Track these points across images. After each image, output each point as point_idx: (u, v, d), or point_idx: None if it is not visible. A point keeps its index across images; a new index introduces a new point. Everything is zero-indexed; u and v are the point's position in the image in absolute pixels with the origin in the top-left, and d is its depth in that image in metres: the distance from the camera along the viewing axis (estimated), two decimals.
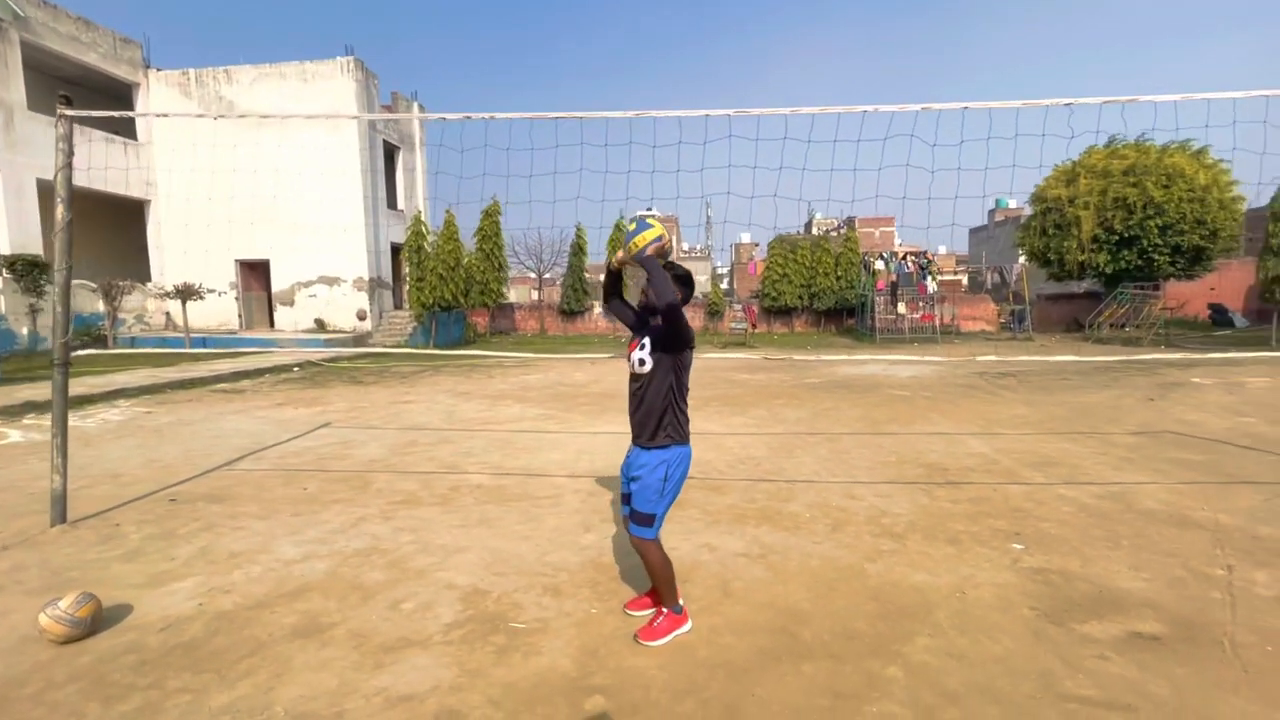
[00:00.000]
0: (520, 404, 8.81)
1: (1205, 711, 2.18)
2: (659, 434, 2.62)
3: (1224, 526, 3.88)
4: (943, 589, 3.11)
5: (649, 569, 2.67)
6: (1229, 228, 17.86)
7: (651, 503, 2.61)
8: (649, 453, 2.63)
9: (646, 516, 2.62)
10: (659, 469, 2.60)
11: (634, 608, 2.89)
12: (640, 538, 2.64)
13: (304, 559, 3.53)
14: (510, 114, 4.25)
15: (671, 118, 4.05)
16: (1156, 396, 8.61)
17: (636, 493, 2.64)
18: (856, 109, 3.92)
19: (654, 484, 2.60)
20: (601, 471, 5.27)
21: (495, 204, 20.44)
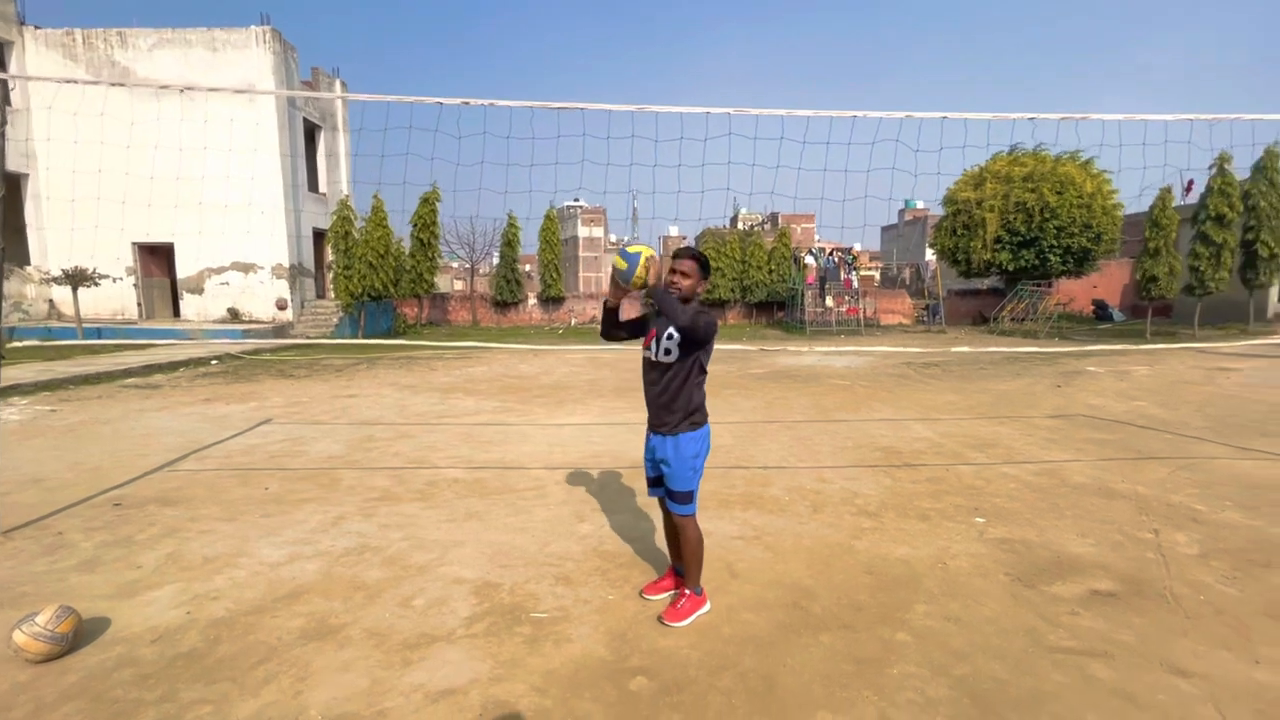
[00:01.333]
0: (472, 397, 8.61)
1: (1164, 653, 2.52)
2: (686, 420, 2.70)
3: (1143, 496, 4.41)
4: (926, 560, 3.38)
5: (685, 545, 2.76)
6: (1111, 232, 19.91)
7: (687, 480, 2.71)
8: (677, 438, 2.69)
9: (685, 494, 2.72)
10: (691, 451, 2.69)
11: (651, 592, 2.97)
12: (683, 514, 2.74)
13: (290, 560, 3.36)
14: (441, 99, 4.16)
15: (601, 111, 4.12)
16: (1062, 384, 9.55)
17: (670, 475, 2.72)
18: (779, 112, 4.07)
19: (687, 465, 2.69)
20: (577, 464, 5.29)
21: (435, 190, 19.71)
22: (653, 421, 2.78)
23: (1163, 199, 16.46)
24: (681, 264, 2.70)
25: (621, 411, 7.60)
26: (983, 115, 4.39)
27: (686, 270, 2.69)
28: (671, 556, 3.03)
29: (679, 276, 2.69)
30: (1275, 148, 14.50)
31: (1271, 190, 15.25)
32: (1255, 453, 5.55)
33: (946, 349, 9.44)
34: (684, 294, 2.67)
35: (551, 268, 24.62)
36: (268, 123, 16.81)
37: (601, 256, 73.00)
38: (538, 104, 4.18)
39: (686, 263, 2.70)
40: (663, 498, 2.86)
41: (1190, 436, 6.15)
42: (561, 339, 19.25)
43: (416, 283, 19.98)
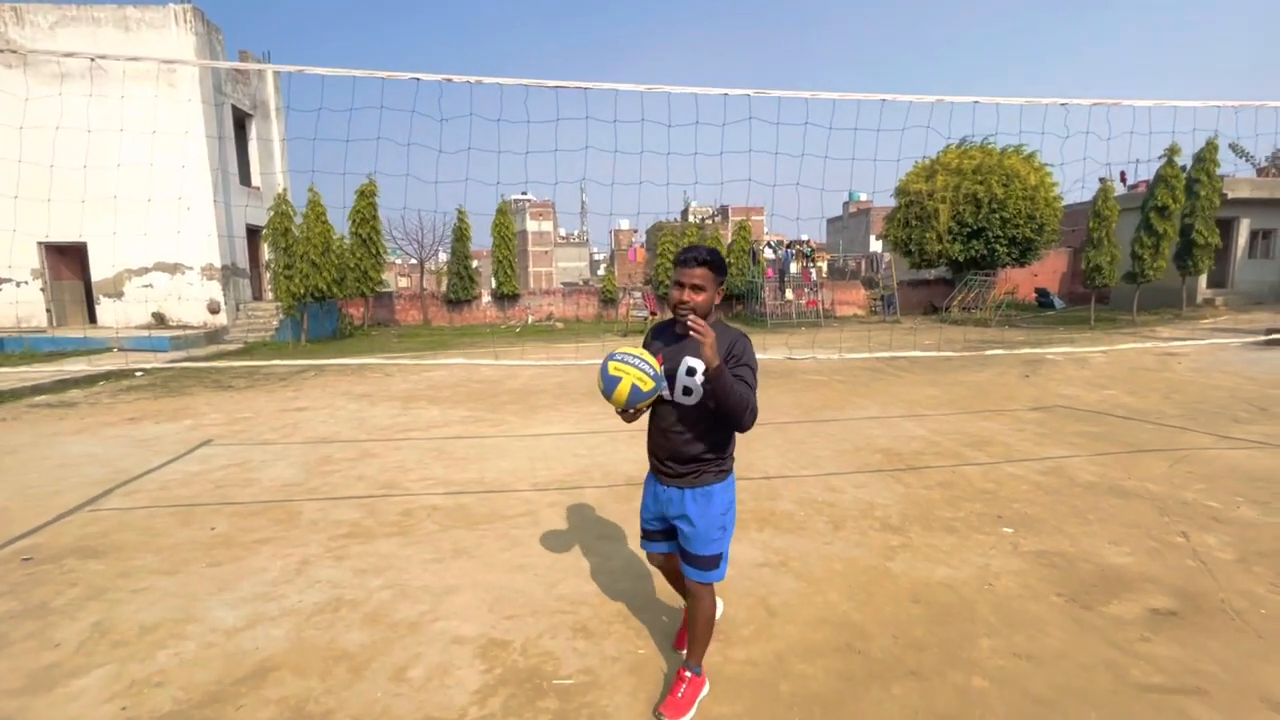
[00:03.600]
0: (437, 406, 8.02)
1: (1257, 684, 2.32)
2: (715, 469, 2.17)
3: (1156, 495, 4.32)
4: (970, 583, 3.13)
5: (697, 617, 2.21)
6: (1052, 222, 20.65)
7: (716, 543, 2.17)
8: (707, 491, 2.15)
9: (712, 559, 2.17)
10: (721, 505, 2.17)
11: (684, 645, 2.52)
12: (706, 583, 2.18)
13: (250, 624, 2.83)
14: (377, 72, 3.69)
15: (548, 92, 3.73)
16: (1030, 374, 9.67)
17: (693, 536, 2.16)
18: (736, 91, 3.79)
19: (715, 523, 2.16)
20: (566, 481, 4.86)
21: (372, 183, 18.64)
22: (663, 470, 2.20)
23: (1105, 190, 17.11)
24: (691, 274, 2.05)
25: (599, 417, 7.18)
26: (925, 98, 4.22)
27: (700, 281, 2.05)
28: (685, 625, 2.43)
29: (689, 292, 2.05)
30: (1215, 139, 15.23)
31: (1209, 181, 16.03)
32: (1238, 441, 5.61)
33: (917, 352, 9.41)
34: (700, 312, 2.06)
35: (506, 264, 23.82)
36: (192, 109, 15.43)
37: (552, 251, 71.94)
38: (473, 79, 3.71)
39: (697, 271, 2.05)
40: (666, 555, 2.37)
41: (1172, 426, 6.21)
42: (519, 338, 18.60)
43: (362, 281, 18.89)
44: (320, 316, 17.50)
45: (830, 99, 4.05)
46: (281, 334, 16.48)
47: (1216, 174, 16.34)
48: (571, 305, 24.82)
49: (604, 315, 24.21)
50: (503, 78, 3.34)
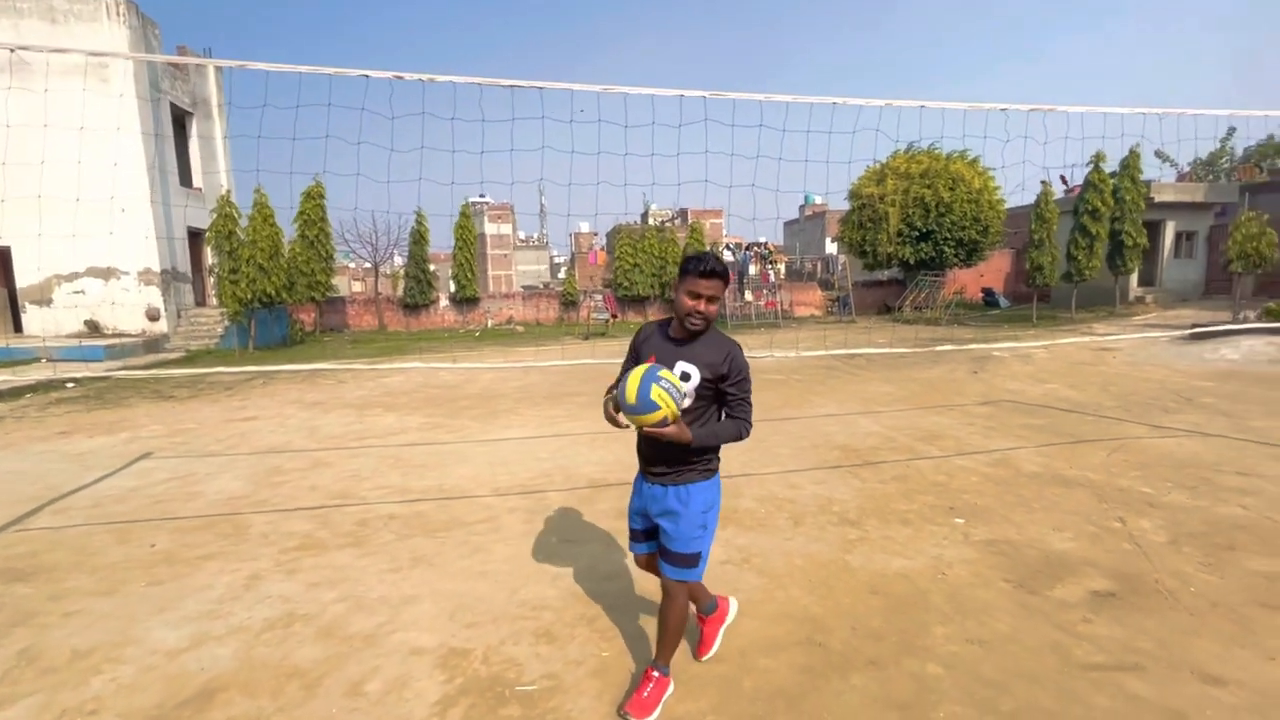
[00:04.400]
0: (393, 412, 7.82)
1: (1189, 658, 2.45)
2: (700, 468, 2.19)
3: (1094, 482, 4.54)
4: (924, 573, 3.22)
5: (671, 616, 2.20)
6: (996, 225, 21.53)
7: (695, 540, 2.18)
8: (687, 489, 2.17)
9: (689, 557, 2.18)
10: (702, 504, 2.19)
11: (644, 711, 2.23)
12: (682, 580, 2.19)
13: (195, 645, 2.70)
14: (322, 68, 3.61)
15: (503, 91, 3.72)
16: (978, 370, 10.04)
17: (673, 533, 2.18)
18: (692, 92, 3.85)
19: (696, 520, 2.18)
20: (528, 485, 4.80)
21: (318, 185, 18.09)
22: (650, 469, 2.23)
23: (1045, 193, 17.92)
24: (710, 286, 2.06)
25: (561, 421, 7.13)
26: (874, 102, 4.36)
27: (716, 293, 2.08)
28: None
29: (705, 303, 2.07)
30: (1137, 148, 16.17)
31: (1134, 186, 16.98)
32: (1168, 430, 5.94)
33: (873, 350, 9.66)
34: (711, 321, 2.12)
35: (466, 267, 23.45)
36: (126, 106, 14.68)
37: (511, 253, 71.17)
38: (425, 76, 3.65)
39: (715, 284, 2.07)
40: (649, 556, 2.38)
41: (1109, 418, 6.53)
42: (479, 342, 18.32)
43: (312, 286, 18.30)
44: (269, 323, 16.88)
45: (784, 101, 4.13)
46: (227, 341, 15.81)
47: (1141, 179, 17.32)
48: (532, 309, 24.60)
49: (565, 318, 24.07)
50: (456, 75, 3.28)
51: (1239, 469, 4.71)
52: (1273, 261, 13.84)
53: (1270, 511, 3.87)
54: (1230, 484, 4.39)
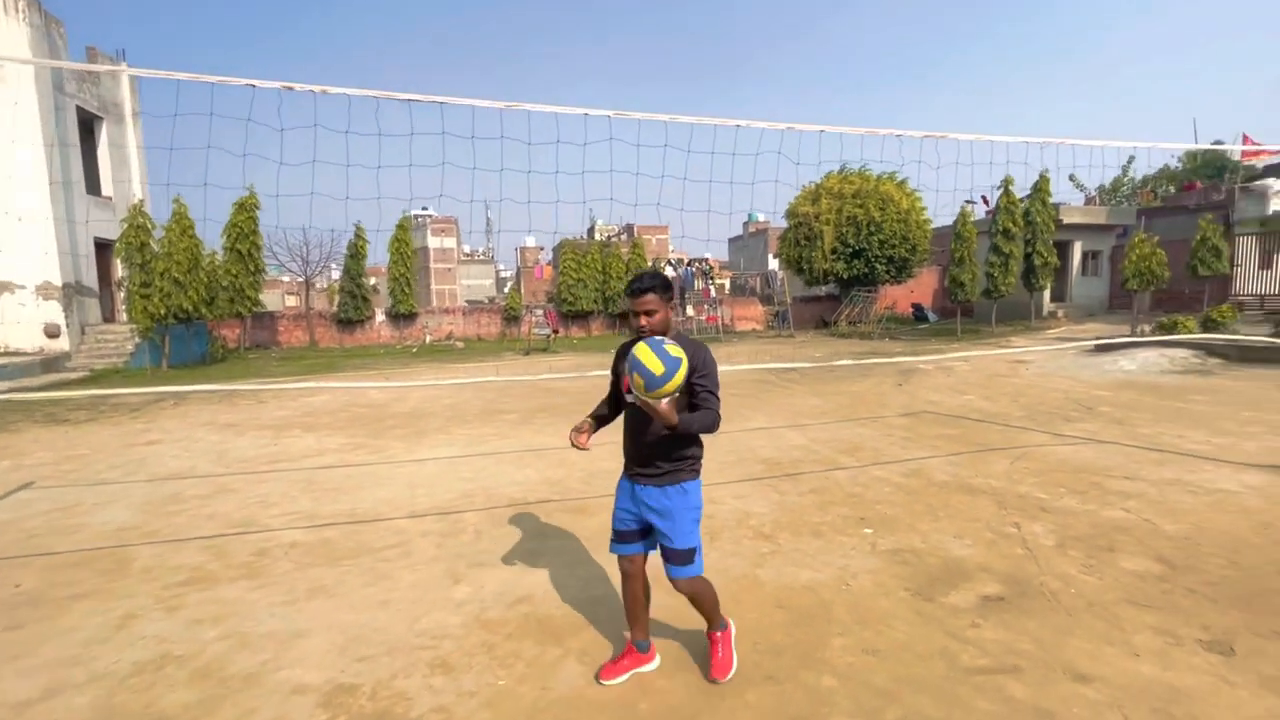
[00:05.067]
0: (313, 433, 7.49)
1: (1063, 658, 2.58)
2: (688, 467, 2.41)
3: (996, 490, 4.76)
4: (830, 584, 3.29)
5: (706, 601, 2.46)
6: (923, 243, 22.62)
7: (691, 535, 2.40)
8: (680, 487, 2.38)
9: (688, 552, 2.38)
10: (695, 500, 2.42)
11: (609, 675, 2.45)
12: (689, 577, 2.40)
13: (47, 695, 2.46)
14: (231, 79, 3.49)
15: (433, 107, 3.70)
16: (903, 382, 10.45)
17: (670, 531, 2.37)
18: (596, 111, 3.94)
19: (689, 516, 2.39)
20: (446, 507, 4.66)
21: (252, 196, 17.31)
22: (638, 470, 2.41)
23: (963, 215, 18.95)
24: (643, 302, 2.32)
25: (490, 439, 6.98)
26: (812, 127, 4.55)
27: (651, 307, 2.33)
28: (633, 630, 2.53)
29: (644, 318, 2.33)
30: (1046, 173, 17.38)
31: (1045, 209, 18.19)
32: (1066, 438, 6.32)
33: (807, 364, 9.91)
34: (657, 332, 2.33)
35: (403, 281, 22.86)
36: (24, 110, 13.71)
37: (455, 268, 69.88)
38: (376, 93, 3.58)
39: (647, 299, 2.32)
40: (634, 556, 2.48)
41: (1016, 427, 6.89)
42: (415, 358, 17.83)
43: (237, 301, 17.43)
44: (186, 339, 15.94)
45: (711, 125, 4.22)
46: (137, 359, 14.83)
47: (1050, 202, 18.57)
48: (473, 324, 24.17)
49: (508, 334, 23.75)
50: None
51: (1125, 474, 5.03)
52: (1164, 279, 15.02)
53: (1148, 513, 4.15)
54: (1116, 488, 4.69)
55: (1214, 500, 4.36)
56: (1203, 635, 2.71)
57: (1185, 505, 4.28)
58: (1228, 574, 3.28)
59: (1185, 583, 3.20)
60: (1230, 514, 4.10)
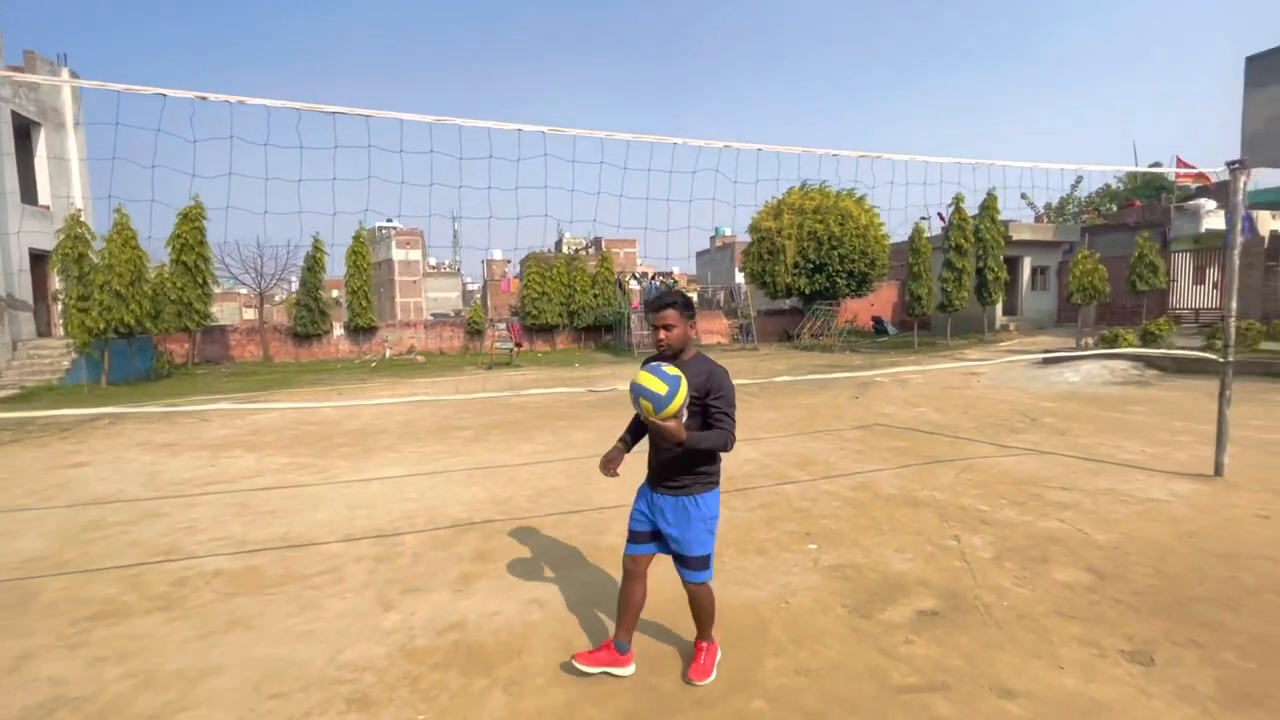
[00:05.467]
0: (254, 453, 7.21)
1: (991, 673, 2.59)
2: (706, 481, 2.52)
3: (940, 502, 4.83)
4: (769, 603, 3.26)
5: (707, 610, 2.59)
6: (881, 258, 23.15)
7: (704, 544, 2.52)
8: (695, 499, 2.50)
9: (703, 559, 2.53)
10: (709, 511, 2.53)
11: (585, 661, 2.61)
12: (700, 582, 2.54)
13: None
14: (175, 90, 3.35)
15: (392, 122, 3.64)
16: (859, 395, 10.61)
17: (684, 540, 2.51)
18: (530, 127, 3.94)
19: (705, 527, 2.52)
20: (385, 529, 4.51)
21: (198, 205, 16.76)
22: (660, 483, 2.56)
23: (918, 230, 19.48)
24: (663, 317, 2.47)
25: (441, 457, 6.82)
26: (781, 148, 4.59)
27: (671, 321, 2.47)
28: (619, 629, 2.65)
29: (663, 332, 2.47)
30: (994, 191, 18.02)
31: (994, 225, 18.83)
32: (1011, 449, 6.46)
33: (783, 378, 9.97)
34: (676, 346, 2.49)
35: (361, 294, 22.36)
36: None
37: (421, 280, 68.91)
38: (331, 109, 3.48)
39: (666, 314, 2.47)
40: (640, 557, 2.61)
41: (964, 439, 7.04)
42: (374, 373, 17.43)
43: (185, 314, 16.80)
44: (128, 355, 15.27)
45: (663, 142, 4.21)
46: (74, 376, 14.13)
47: (1000, 219, 19.24)
48: (435, 337, 23.77)
49: (471, 348, 23.41)
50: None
51: (1063, 484, 5.16)
52: (1106, 294, 15.64)
53: (1081, 524, 4.25)
54: (1054, 499, 4.80)
55: (1144, 509, 4.49)
56: (1125, 646, 2.77)
57: (1117, 515, 4.40)
58: (1152, 583, 3.36)
59: (1112, 592, 3.27)
60: (1158, 523, 4.23)
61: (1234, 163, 4.91)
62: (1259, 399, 8.64)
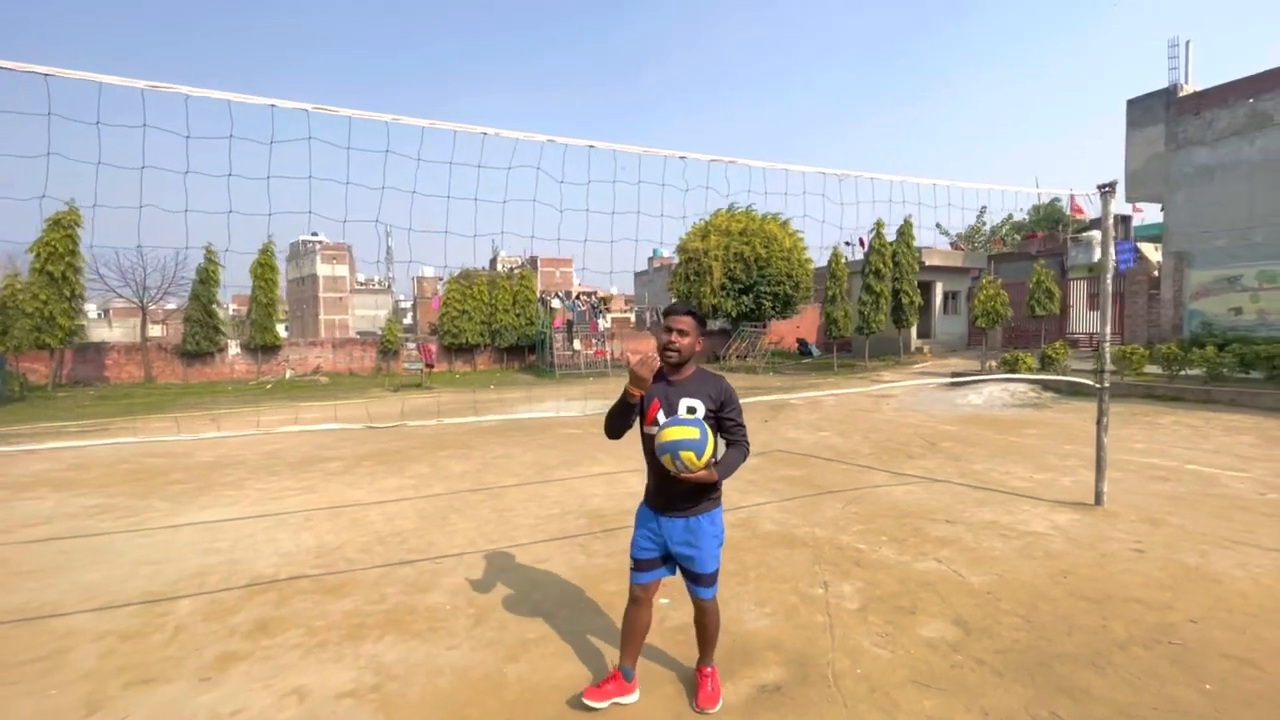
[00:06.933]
0: (61, 493, 6.15)
1: None
2: (710, 499, 2.51)
3: (819, 540, 4.44)
4: (588, 680, 2.71)
5: (714, 628, 2.59)
6: (805, 281, 23.50)
7: (715, 559, 2.53)
8: (710, 515, 2.51)
9: (713, 575, 2.53)
10: (716, 530, 2.52)
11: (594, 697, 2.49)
12: (710, 597, 2.54)
13: None
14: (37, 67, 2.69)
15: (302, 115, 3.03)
16: (769, 418, 10.35)
17: (698, 557, 2.48)
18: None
19: (716, 542, 2.52)
20: (167, 590, 3.72)
21: (73, 211, 15.08)
22: (665, 505, 2.50)
23: (836, 254, 19.82)
24: (679, 321, 2.48)
25: (288, 495, 5.99)
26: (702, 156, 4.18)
27: (685, 328, 2.48)
28: (624, 657, 2.58)
29: (676, 335, 2.47)
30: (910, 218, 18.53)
31: (909, 251, 19.36)
32: (905, 477, 6.22)
33: None
34: (684, 355, 2.48)
35: (265, 310, 20.79)
36: None
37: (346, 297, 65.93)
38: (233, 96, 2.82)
39: (684, 320, 2.48)
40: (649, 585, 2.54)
41: (861, 466, 6.77)
42: (269, 395, 16.05)
43: (44, 329, 14.99)
44: None
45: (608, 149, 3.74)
46: None
47: (914, 245, 19.84)
48: (345, 357, 22.35)
49: (383, 368, 22.13)
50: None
51: (949, 516, 4.89)
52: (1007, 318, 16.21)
53: (958, 563, 3.94)
54: (936, 534, 4.49)
55: (1023, 545, 4.24)
56: None
57: (995, 552, 4.12)
58: (1019, 637, 3.03)
59: (976, 651, 2.90)
60: (1035, 560, 3.96)
61: (1104, 186, 4.85)
62: (1141, 421, 8.87)
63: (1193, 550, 4.06)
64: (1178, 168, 15.13)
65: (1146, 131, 15.79)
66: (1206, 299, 14.71)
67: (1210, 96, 14.69)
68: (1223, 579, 3.62)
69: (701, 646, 2.61)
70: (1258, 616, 3.17)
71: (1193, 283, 14.94)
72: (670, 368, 2.50)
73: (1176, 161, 15.16)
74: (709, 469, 2.33)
